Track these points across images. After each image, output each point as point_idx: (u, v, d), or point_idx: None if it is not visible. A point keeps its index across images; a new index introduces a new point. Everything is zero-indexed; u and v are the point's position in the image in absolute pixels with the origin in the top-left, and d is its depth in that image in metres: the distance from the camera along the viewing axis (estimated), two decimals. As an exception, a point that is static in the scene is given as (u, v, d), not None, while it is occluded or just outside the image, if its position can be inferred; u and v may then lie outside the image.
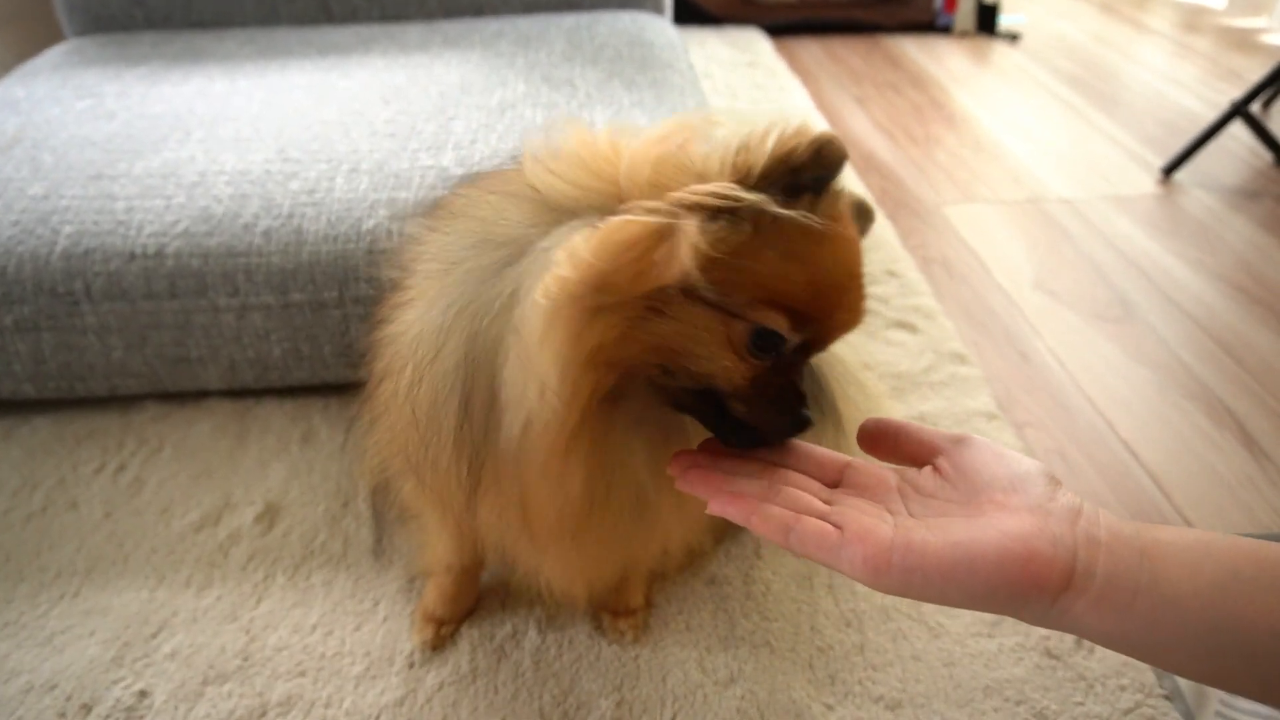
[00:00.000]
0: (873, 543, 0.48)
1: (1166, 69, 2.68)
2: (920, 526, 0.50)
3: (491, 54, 1.59)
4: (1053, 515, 0.49)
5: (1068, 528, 0.49)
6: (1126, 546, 0.48)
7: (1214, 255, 1.68)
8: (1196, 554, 0.48)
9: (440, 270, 0.67)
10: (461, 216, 0.69)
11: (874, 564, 0.48)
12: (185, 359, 1.18)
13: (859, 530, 0.50)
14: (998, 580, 0.47)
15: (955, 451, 0.55)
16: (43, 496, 1.11)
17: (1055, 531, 0.48)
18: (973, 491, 0.52)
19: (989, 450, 0.55)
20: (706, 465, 0.58)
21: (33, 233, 1.12)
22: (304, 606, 0.98)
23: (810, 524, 0.51)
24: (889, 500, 0.55)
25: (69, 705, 0.88)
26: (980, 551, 0.47)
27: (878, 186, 1.93)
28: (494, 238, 0.63)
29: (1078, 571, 0.47)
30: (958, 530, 0.49)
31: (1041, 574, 0.47)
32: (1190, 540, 0.49)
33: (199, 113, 1.37)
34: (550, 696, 0.89)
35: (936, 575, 0.47)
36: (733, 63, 2.62)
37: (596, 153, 0.60)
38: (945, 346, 1.39)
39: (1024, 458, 0.54)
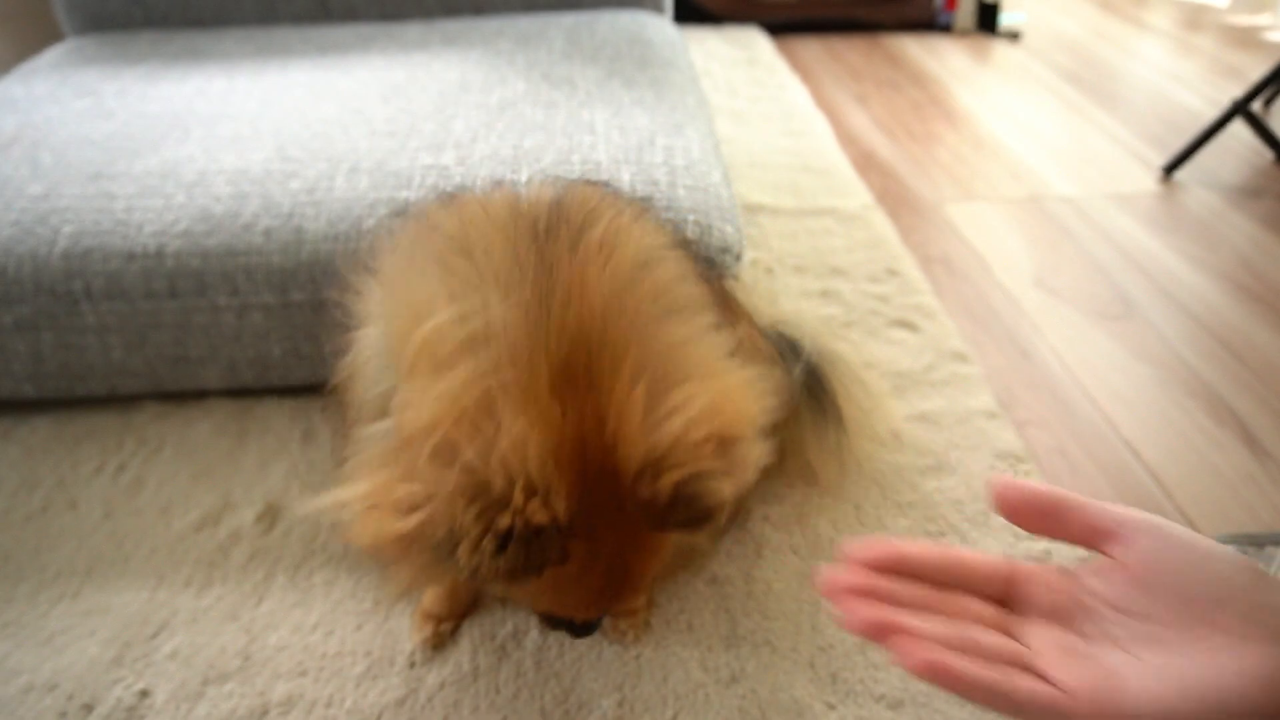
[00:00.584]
0: (1103, 700, 0.42)
1: (1167, 66, 2.67)
2: (1136, 665, 0.43)
3: (491, 52, 1.58)
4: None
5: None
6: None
7: (1215, 253, 1.68)
8: None
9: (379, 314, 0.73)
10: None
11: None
12: (185, 358, 1.18)
13: (1085, 685, 0.43)
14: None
15: (1133, 539, 0.47)
16: (42, 496, 1.11)
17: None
18: (1176, 604, 0.44)
19: (1173, 538, 0.46)
20: (863, 588, 0.50)
21: (32, 232, 1.12)
22: (305, 606, 0.98)
23: (1023, 686, 0.44)
24: (1080, 622, 0.47)
25: (70, 705, 0.88)
26: (1221, 702, 0.40)
27: (878, 185, 1.92)
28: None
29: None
30: (1185, 671, 0.42)
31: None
32: None
33: (198, 112, 1.36)
34: (552, 696, 0.89)
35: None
36: (733, 60, 2.61)
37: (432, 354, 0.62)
38: (946, 345, 1.38)
39: (1213, 543, 0.46)
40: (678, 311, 0.67)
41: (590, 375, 0.59)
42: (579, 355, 0.60)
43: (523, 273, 0.65)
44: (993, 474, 1.14)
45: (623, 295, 0.64)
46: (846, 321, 1.44)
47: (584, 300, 0.62)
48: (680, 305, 0.68)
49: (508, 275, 0.65)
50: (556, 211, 0.71)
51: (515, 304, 0.63)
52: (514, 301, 0.63)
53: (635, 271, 0.67)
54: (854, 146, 2.12)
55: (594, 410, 0.59)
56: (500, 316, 0.62)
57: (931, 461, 1.16)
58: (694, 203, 1.17)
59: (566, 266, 0.65)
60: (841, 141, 2.12)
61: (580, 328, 0.61)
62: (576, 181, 0.82)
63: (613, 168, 1.20)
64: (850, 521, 1.08)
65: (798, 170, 1.94)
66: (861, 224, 1.73)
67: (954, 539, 1.06)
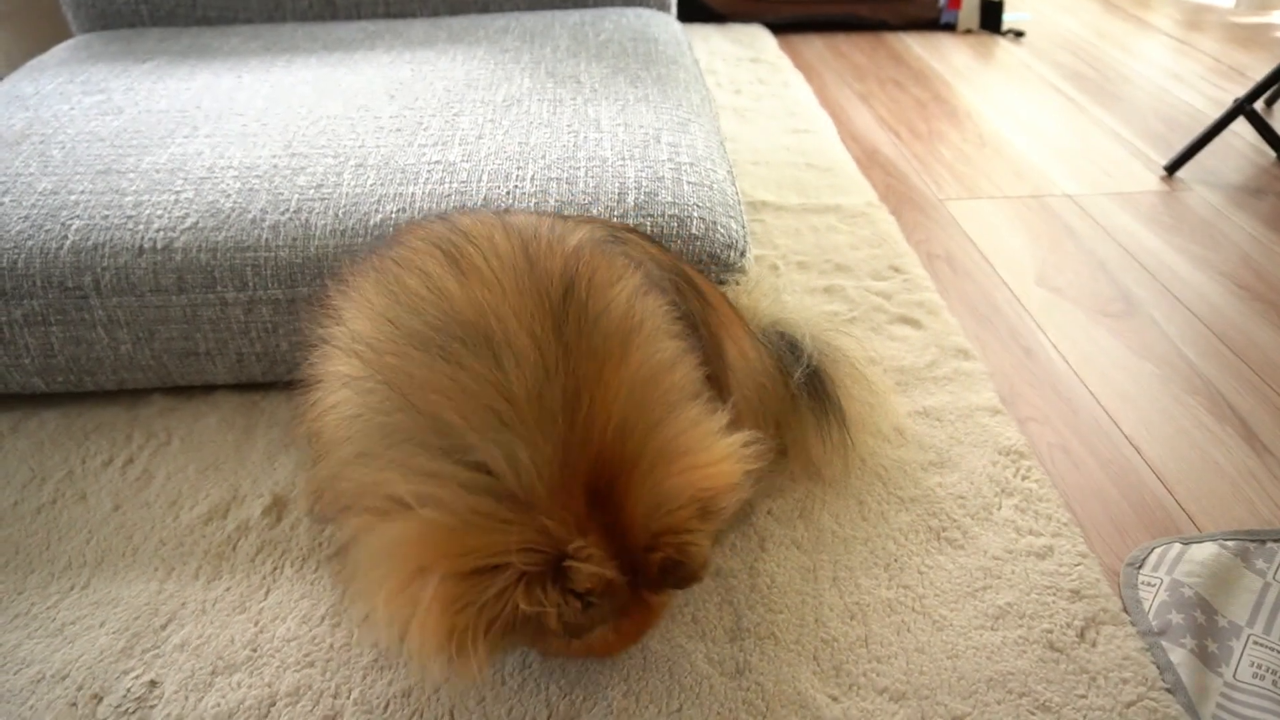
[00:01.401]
0: None
1: (1170, 65, 2.68)
2: None
3: (496, 49, 1.59)
4: None
5: None
6: None
7: (1217, 251, 1.69)
8: None
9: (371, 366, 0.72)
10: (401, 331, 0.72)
11: None
12: (193, 353, 1.19)
13: None
14: None
15: None
16: (52, 489, 1.12)
17: None
18: None
19: None
20: None
21: (42, 227, 1.13)
22: (312, 598, 0.99)
23: None
24: None
25: (80, 695, 0.88)
26: None
27: (881, 182, 1.93)
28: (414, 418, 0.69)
29: None
30: None
31: None
32: None
33: (205, 108, 1.37)
34: (557, 688, 0.90)
35: None
36: (736, 58, 2.62)
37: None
38: (949, 341, 1.39)
39: None
40: (675, 404, 0.74)
41: (612, 492, 0.69)
42: (603, 474, 0.68)
43: (551, 381, 0.68)
44: (995, 470, 1.15)
45: (638, 401, 0.71)
46: (850, 318, 1.44)
47: (605, 413, 0.69)
48: (680, 396, 0.75)
49: (540, 394, 0.68)
50: (573, 296, 0.73)
51: (544, 442, 0.67)
52: (544, 438, 0.67)
53: (645, 374, 0.72)
54: (857, 144, 2.12)
55: (617, 517, 0.69)
56: (530, 467, 0.66)
57: (934, 457, 1.17)
58: (699, 199, 1.18)
59: (588, 372, 0.69)
60: (845, 139, 2.13)
61: (600, 447, 0.68)
62: (570, 227, 0.82)
63: (618, 164, 1.21)
64: (853, 516, 1.09)
65: (801, 168, 1.95)
66: (865, 221, 1.74)
67: (956, 534, 1.06)
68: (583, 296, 0.73)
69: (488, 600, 0.64)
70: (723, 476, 0.72)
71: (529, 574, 0.65)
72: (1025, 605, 0.98)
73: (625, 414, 0.70)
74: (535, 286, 0.72)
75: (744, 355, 0.99)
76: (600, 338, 0.71)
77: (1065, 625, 0.95)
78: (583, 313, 0.72)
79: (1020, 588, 1.00)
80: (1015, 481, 1.13)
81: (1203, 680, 0.89)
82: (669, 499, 0.69)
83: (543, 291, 0.72)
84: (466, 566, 0.64)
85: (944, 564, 1.03)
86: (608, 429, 0.69)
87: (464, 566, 0.64)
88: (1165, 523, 1.10)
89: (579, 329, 0.71)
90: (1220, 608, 0.97)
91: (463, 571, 0.64)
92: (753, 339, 1.03)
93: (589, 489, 0.68)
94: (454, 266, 0.74)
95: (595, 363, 0.70)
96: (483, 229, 0.79)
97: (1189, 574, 0.99)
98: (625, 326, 0.73)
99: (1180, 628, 0.94)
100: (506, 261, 0.74)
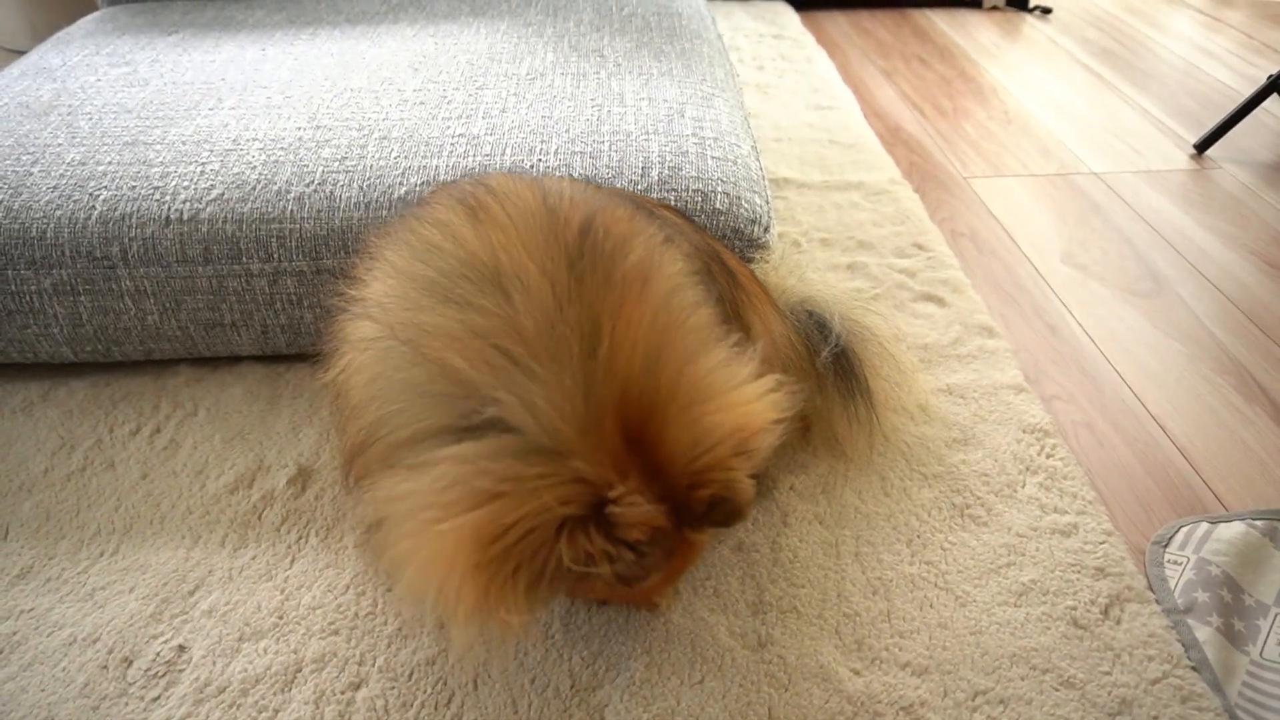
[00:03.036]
0: None
1: (1200, 42, 2.63)
2: None
3: (520, 23, 1.58)
4: None
5: None
6: None
7: (1246, 230, 1.67)
8: None
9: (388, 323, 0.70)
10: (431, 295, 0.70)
11: None
12: (219, 324, 1.19)
13: None
14: None
15: None
16: (81, 457, 1.13)
17: None
18: None
19: None
20: None
21: (70, 198, 1.14)
22: (337, 567, 1.00)
23: None
24: None
25: (110, 658, 0.90)
26: None
27: (905, 159, 1.91)
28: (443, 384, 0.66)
29: None
30: None
31: None
32: None
33: (230, 80, 1.37)
34: (580, 659, 0.90)
35: None
36: (759, 34, 2.60)
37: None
38: (973, 319, 1.38)
39: None
40: (704, 343, 0.71)
41: (646, 429, 0.65)
42: (635, 409, 0.65)
43: (563, 316, 0.65)
44: (1020, 447, 1.14)
45: (662, 339, 0.68)
46: (873, 296, 1.43)
47: (629, 347, 0.66)
48: (705, 336, 0.72)
49: (551, 328, 0.65)
50: (589, 238, 0.70)
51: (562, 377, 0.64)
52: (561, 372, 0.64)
53: (669, 311, 0.69)
54: (881, 121, 2.10)
55: (654, 455, 0.66)
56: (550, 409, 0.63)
57: (958, 434, 1.17)
58: (723, 174, 1.17)
59: (606, 301, 0.66)
60: (868, 116, 2.11)
61: (627, 380, 0.65)
62: (603, 194, 0.80)
63: (642, 138, 1.20)
64: (875, 492, 1.08)
65: (825, 144, 1.93)
66: (889, 198, 1.72)
67: (979, 511, 1.06)
68: (599, 237, 0.71)
69: (525, 558, 0.62)
70: (758, 416, 0.69)
71: (570, 521, 0.62)
72: (1049, 582, 0.97)
73: (652, 347, 0.66)
74: (550, 226, 0.70)
75: (771, 333, 0.98)
76: (619, 274, 0.68)
77: (1089, 602, 0.95)
78: (598, 251, 0.69)
79: (1044, 565, 0.99)
80: (1040, 459, 1.13)
81: (1228, 658, 0.89)
82: (707, 436, 0.66)
83: (558, 233, 0.70)
84: (504, 539, 0.62)
85: (967, 540, 1.03)
86: (634, 362, 0.65)
87: (499, 538, 0.62)
88: (1192, 501, 1.09)
89: (594, 264, 0.68)
90: (1247, 587, 0.96)
91: (499, 543, 0.62)
92: (781, 317, 1.03)
93: (621, 424, 0.64)
94: (471, 216, 0.73)
95: (614, 295, 0.67)
96: (509, 184, 0.77)
97: (1216, 553, 0.99)
98: (644, 266, 0.70)
99: (1206, 606, 0.93)
100: (523, 208, 0.73)
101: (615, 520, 0.62)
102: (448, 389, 0.65)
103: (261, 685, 0.88)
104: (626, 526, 0.62)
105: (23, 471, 1.12)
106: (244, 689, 0.87)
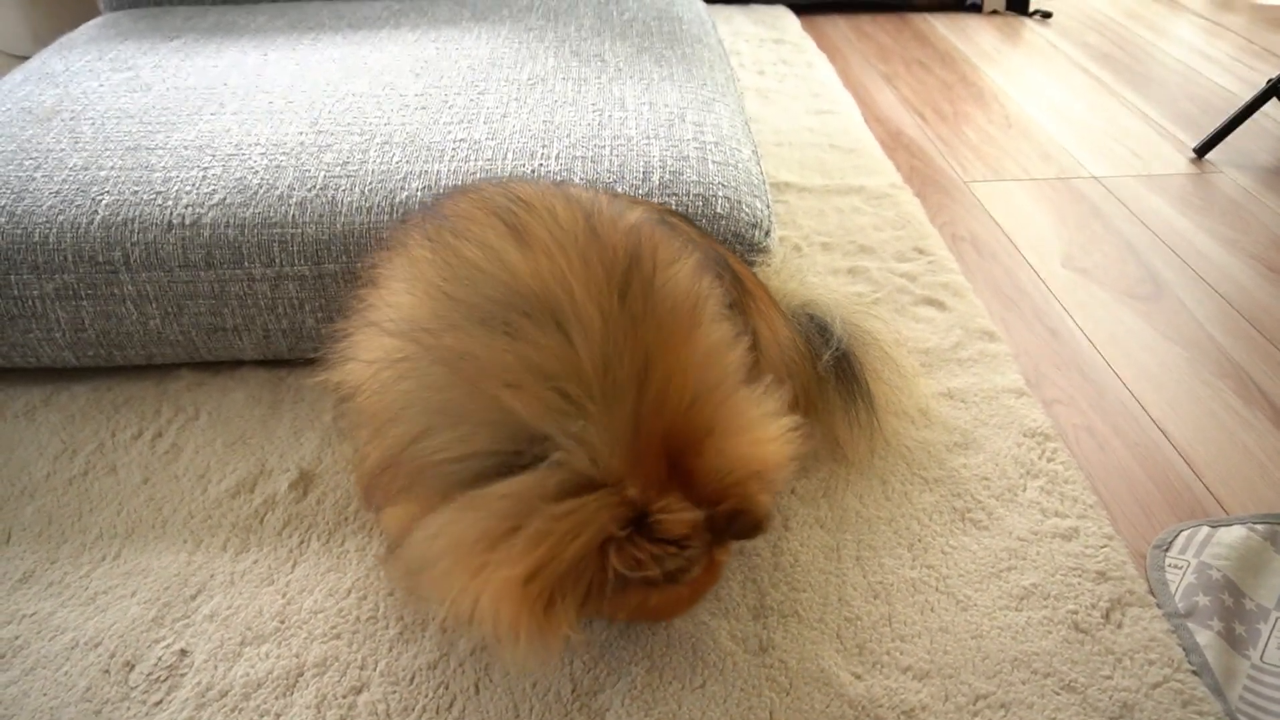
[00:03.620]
0: None
1: (1200, 46, 2.64)
2: None
3: (521, 28, 1.59)
4: None
5: None
6: None
7: (1247, 234, 1.67)
8: None
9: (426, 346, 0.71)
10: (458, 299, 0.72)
11: None
12: (221, 328, 1.20)
13: None
14: None
15: None
16: (83, 461, 1.13)
17: None
18: None
19: None
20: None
21: (72, 203, 1.14)
22: (338, 571, 1.00)
23: None
24: None
25: (112, 662, 0.90)
26: None
27: (905, 164, 1.92)
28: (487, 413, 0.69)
29: None
30: None
31: None
32: None
33: (233, 85, 1.38)
34: (581, 663, 0.90)
35: None
36: (760, 39, 2.60)
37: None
38: (974, 323, 1.38)
39: None
40: (739, 381, 0.76)
41: (684, 457, 0.71)
42: (677, 442, 0.70)
43: (618, 354, 0.68)
44: (1020, 451, 1.14)
45: (706, 375, 0.72)
46: (874, 300, 1.44)
47: (679, 385, 0.70)
48: (740, 374, 0.77)
49: (607, 367, 0.68)
50: (637, 270, 0.72)
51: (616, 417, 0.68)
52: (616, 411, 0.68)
53: (712, 352, 0.74)
54: (882, 125, 2.11)
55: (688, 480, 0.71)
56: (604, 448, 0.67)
57: (959, 438, 1.17)
58: (724, 178, 1.17)
59: (654, 337, 0.70)
60: (869, 120, 2.11)
61: (675, 416, 0.70)
62: (643, 221, 0.80)
63: (643, 143, 1.21)
64: (877, 496, 1.08)
65: (825, 149, 1.94)
66: (889, 203, 1.72)
67: (980, 515, 1.06)
68: (648, 271, 0.72)
69: (575, 581, 0.66)
70: (778, 454, 0.75)
71: (616, 538, 0.66)
72: (1050, 586, 0.98)
73: (696, 386, 0.71)
74: (600, 258, 0.71)
75: (776, 337, 0.98)
76: (667, 312, 0.72)
77: (1090, 606, 0.95)
78: (648, 286, 0.72)
79: (1045, 569, 0.99)
80: (1040, 463, 1.13)
81: (1229, 662, 0.89)
82: (734, 466, 0.71)
83: (607, 264, 0.71)
84: (557, 567, 0.65)
85: (968, 545, 1.03)
86: (682, 401, 0.70)
87: (553, 567, 0.65)
88: (1192, 505, 1.09)
89: (645, 302, 0.71)
90: (1248, 591, 0.96)
91: (553, 571, 0.65)
92: (785, 321, 1.03)
93: (665, 454, 0.69)
94: (516, 237, 0.73)
95: (662, 335, 0.71)
96: (543, 199, 0.77)
97: (1217, 557, 0.99)
98: (689, 302, 0.74)
99: (1207, 610, 0.93)
100: (569, 232, 0.73)
101: (661, 526, 0.67)
102: (498, 419, 0.68)
103: (263, 690, 0.88)
104: (672, 526, 0.67)
105: (25, 476, 1.12)
106: (246, 693, 0.87)
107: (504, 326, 0.68)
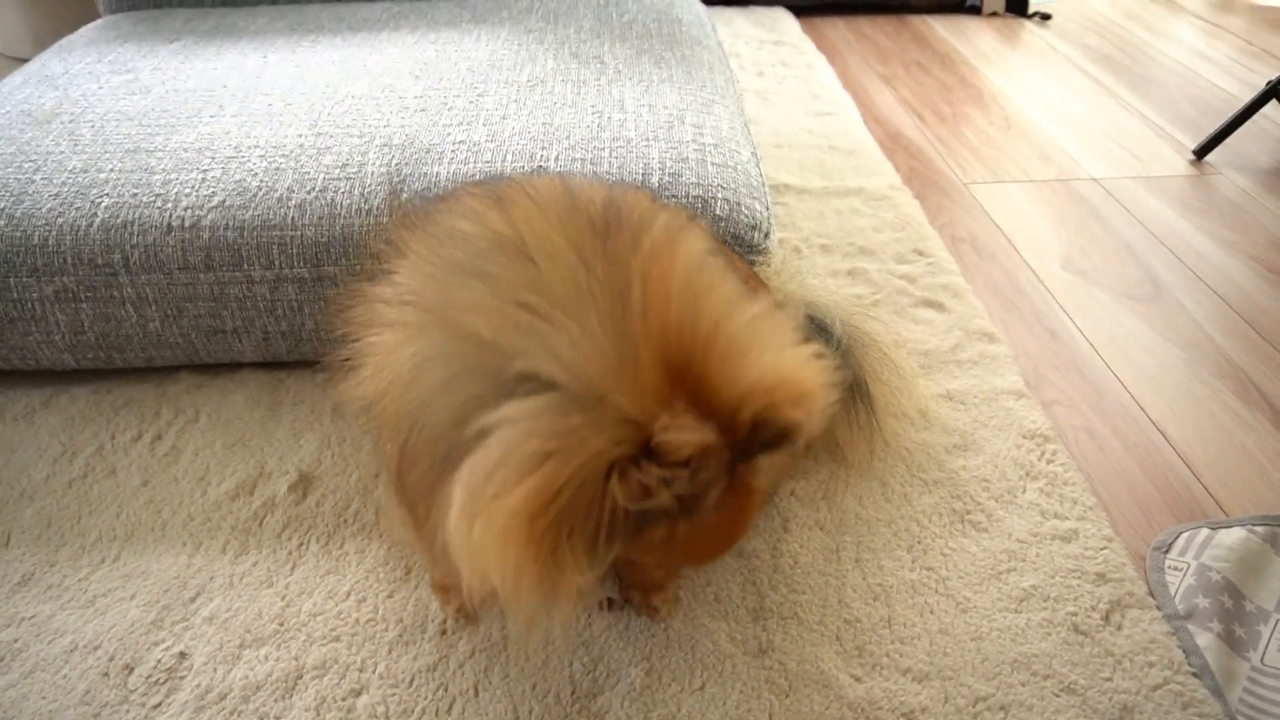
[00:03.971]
0: None
1: (1199, 48, 2.64)
2: None
3: (520, 30, 1.59)
4: None
5: None
6: None
7: (1246, 235, 1.67)
8: None
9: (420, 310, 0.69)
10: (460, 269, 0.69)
11: None
12: (220, 330, 1.20)
13: None
14: None
15: None
16: (82, 464, 1.13)
17: None
18: None
19: None
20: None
21: (72, 205, 1.14)
22: (337, 574, 1.00)
23: None
24: None
25: (112, 665, 0.90)
26: None
27: (905, 165, 1.92)
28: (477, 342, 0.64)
29: None
30: None
31: None
32: None
33: (232, 88, 1.38)
34: (580, 665, 0.90)
35: None
36: (759, 41, 2.60)
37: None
38: (973, 325, 1.38)
39: None
40: (741, 299, 0.69)
41: (689, 371, 0.63)
42: (674, 349, 0.62)
43: (590, 272, 0.64)
44: (1019, 453, 1.14)
45: (697, 294, 0.66)
46: (874, 301, 1.44)
47: (663, 295, 0.64)
48: (740, 295, 0.70)
49: (575, 281, 0.64)
50: (612, 211, 0.70)
51: (588, 319, 0.62)
52: (586, 315, 0.62)
53: (701, 272, 0.68)
54: (881, 127, 2.11)
55: (699, 389, 0.62)
56: (577, 353, 0.61)
57: (958, 440, 1.17)
58: (723, 180, 1.17)
59: (634, 261, 0.65)
60: (868, 122, 2.11)
61: (664, 324, 0.63)
62: (622, 184, 0.81)
63: (642, 145, 1.21)
64: (876, 498, 1.08)
65: (824, 150, 1.94)
66: (889, 204, 1.73)
67: (980, 517, 1.06)
68: (624, 211, 0.70)
69: (580, 516, 0.59)
70: (811, 374, 0.65)
71: (619, 463, 0.59)
72: (1050, 588, 0.98)
73: (687, 300, 0.64)
74: (574, 205, 0.70)
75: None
76: (647, 242, 0.67)
77: (1090, 608, 0.95)
78: (624, 224, 0.68)
79: (1045, 571, 0.99)
80: (1040, 465, 1.13)
81: (1229, 664, 0.89)
82: (761, 381, 0.63)
83: (580, 208, 0.70)
84: (558, 500, 0.58)
85: (968, 546, 1.03)
86: (669, 310, 0.63)
87: (554, 501, 0.58)
88: (1192, 507, 1.09)
89: (620, 233, 0.67)
90: (1248, 593, 0.96)
91: (554, 505, 0.59)
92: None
93: (661, 362, 0.62)
94: (497, 204, 0.73)
95: (642, 258, 0.65)
96: (531, 178, 0.78)
97: (1217, 559, 0.99)
98: (671, 235, 0.69)
99: (1207, 612, 0.93)
100: (547, 192, 0.73)
101: (663, 445, 0.59)
102: (476, 357, 0.64)
103: (262, 692, 0.88)
104: (676, 446, 0.59)
105: (24, 478, 1.12)
106: (245, 696, 0.87)
107: (476, 270, 0.67)
